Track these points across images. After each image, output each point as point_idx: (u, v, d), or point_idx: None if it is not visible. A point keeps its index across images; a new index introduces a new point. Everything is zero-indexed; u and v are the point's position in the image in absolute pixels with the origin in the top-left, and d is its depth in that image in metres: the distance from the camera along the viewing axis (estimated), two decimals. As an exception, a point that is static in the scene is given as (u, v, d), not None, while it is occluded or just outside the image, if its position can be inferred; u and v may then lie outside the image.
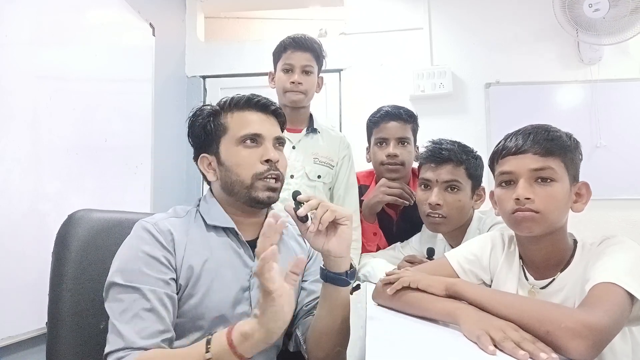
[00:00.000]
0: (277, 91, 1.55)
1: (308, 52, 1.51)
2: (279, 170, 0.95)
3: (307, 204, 0.85)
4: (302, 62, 1.50)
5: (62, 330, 0.96)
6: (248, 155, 0.94)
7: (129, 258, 0.87)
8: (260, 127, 0.95)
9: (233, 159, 0.94)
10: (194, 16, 2.89)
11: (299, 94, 1.49)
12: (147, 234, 0.88)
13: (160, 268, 0.86)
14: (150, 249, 0.87)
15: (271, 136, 0.96)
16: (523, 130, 0.90)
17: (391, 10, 2.75)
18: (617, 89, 2.53)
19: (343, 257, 0.88)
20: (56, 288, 0.99)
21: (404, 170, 1.52)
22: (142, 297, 0.82)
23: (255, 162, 0.93)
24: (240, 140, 0.94)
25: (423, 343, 0.74)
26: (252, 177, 0.93)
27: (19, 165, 1.37)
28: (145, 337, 0.79)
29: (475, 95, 2.66)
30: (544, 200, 0.84)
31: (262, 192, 0.93)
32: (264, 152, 0.94)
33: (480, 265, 0.99)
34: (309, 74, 1.52)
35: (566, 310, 0.70)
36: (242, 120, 0.96)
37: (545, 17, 2.59)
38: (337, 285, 0.89)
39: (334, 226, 0.86)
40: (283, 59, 1.51)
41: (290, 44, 1.51)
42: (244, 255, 0.95)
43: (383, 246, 1.55)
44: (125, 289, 0.83)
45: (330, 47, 2.83)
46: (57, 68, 1.57)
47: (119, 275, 0.85)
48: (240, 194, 0.94)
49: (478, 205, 1.30)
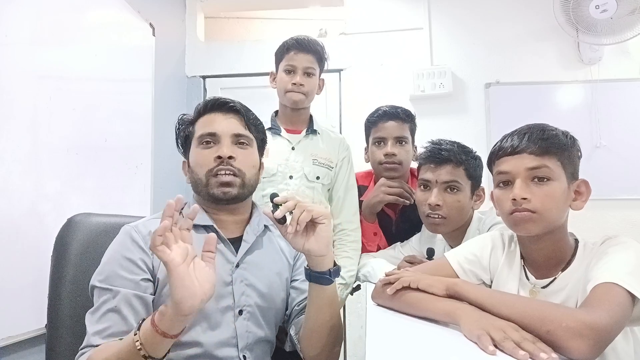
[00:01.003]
0: (278, 92, 1.55)
1: (311, 54, 1.51)
2: (232, 166, 0.96)
3: (283, 206, 0.86)
4: (304, 64, 1.50)
5: (61, 333, 0.96)
6: (204, 154, 0.97)
7: (107, 261, 0.91)
8: (216, 126, 0.98)
9: (193, 159, 1.00)
10: (194, 16, 2.89)
11: (300, 95, 1.49)
12: (126, 236, 0.93)
13: (133, 269, 0.89)
14: (127, 251, 0.91)
15: (228, 134, 0.98)
16: (519, 131, 0.90)
17: (391, 10, 2.75)
18: (617, 89, 2.53)
19: (324, 255, 0.90)
20: (55, 291, 0.99)
21: (402, 170, 1.52)
22: (111, 298, 0.86)
23: (209, 160, 0.96)
24: (199, 141, 0.99)
25: (423, 343, 0.74)
26: (205, 174, 0.96)
27: (19, 166, 1.37)
28: (105, 337, 0.84)
29: (475, 95, 2.66)
30: (541, 200, 0.84)
31: (216, 189, 0.96)
32: (217, 150, 0.96)
33: (480, 265, 0.99)
34: (311, 75, 1.52)
35: (567, 310, 0.70)
36: (204, 122, 1.00)
37: (545, 17, 2.59)
38: (321, 284, 0.92)
39: (313, 226, 0.88)
40: (285, 60, 1.51)
41: (294, 45, 1.50)
42: (225, 252, 0.97)
43: (383, 246, 1.55)
44: (99, 291, 0.88)
45: (330, 47, 2.83)
46: (57, 68, 1.57)
47: (96, 277, 0.90)
48: (202, 192, 0.98)
49: (478, 205, 1.29)
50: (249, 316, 0.96)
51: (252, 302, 0.97)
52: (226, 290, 0.94)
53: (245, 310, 0.96)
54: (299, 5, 3.07)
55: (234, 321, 0.94)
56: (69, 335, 0.97)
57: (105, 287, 0.87)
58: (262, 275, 1.00)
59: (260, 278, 0.99)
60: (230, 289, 0.95)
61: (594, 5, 2.10)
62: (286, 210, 0.86)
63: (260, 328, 0.98)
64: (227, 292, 0.95)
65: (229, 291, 0.95)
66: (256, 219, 1.05)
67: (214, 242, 0.83)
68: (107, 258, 0.92)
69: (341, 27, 2.81)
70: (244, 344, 0.94)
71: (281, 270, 1.05)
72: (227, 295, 0.94)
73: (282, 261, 1.06)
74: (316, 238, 0.88)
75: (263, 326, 0.99)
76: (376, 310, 0.94)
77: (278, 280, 1.03)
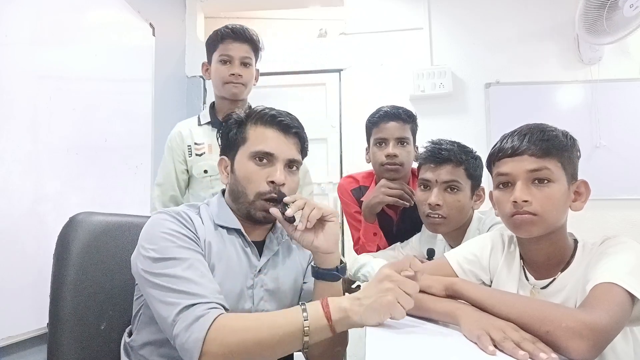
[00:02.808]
0: (214, 82, 1.52)
1: (247, 43, 1.48)
2: (282, 192, 0.95)
3: (293, 205, 0.88)
4: (241, 54, 1.47)
5: (63, 332, 0.96)
6: (256, 171, 0.95)
7: (159, 238, 0.85)
8: (274, 147, 0.96)
9: (242, 171, 0.96)
10: (194, 16, 2.89)
11: (240, 86, 1.47)
12: (172, 218, 0.90)
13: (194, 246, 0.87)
14: (180, 227, 0.88)
15: (284, 158, 0.96)
16: (519, 131, 0.90)
17: (391, 10, 2.75)
18: (617, 89, 2.53)
19: (332, 252, 0.91)
20: (57, 290, 0.99)
21: (403, 171, 1.51)
22: (191, 265, 0.82)
23: (262, 180, 0.94)
24: (253, 155, 0.95)
25: (423, 343, 0.74)
26: (255, 194, 0.94)
27: (19, 166, 1.37)
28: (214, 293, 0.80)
29: (475, 95, 2.66)
30: (541, 202, 0.84)
31: (259, 212, 0.94)
32: (271, 172, 0.94)
33: (480, 266, 0.99)
34: (248, 65, 1.49)
35: (567, 310, 0.70)
36: (261, 135, 0.97)
37: (545, 17, 2.59)
38: (328, 280, 0.92)
39: (321, 223, 0.89)
40: (220, 50, 1.48)
41: (229, 34, 1.47)
42: (250, 255, 0.98)
43: (383, 246, 1.55)
44: (165, 262, 0.82)
45: (330, 47, 2.85)
46: (57, 68, 1.57)
47: (152, 249, 0.84)
48: (242, 205, 0.96)
49: (478, 205, 1.30)
50: None
51: (269, 308, 0.97)
52: (247, 293, 0.95)
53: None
54: (299, 5, 3.07)
55: None
56: (71, 333, 0.97)
57: (177, 256, 0.83)
58: (280, 283, 1.00)
59: (278, 285, 1.00)
60: (251, 293, 0.95)
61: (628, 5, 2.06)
62: (296, 209, 0.87)
63: None
64: (248, 295, 0.95)
65: (250, 294, 0.95)
66: (280, 227, 1.04)
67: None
68: (156, 236, 0.86)
69: (341, 27, 2.81)
70: None
71: (297, 277, 1.05)
72: (248, 298, 0.95)
73: (297, 268, 1.07)
74: (325, 235, 0.89)
75: None
76: (376, 310, 0.94)
77: (294, 286, 1.04)
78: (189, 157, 1.54)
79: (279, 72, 2.77)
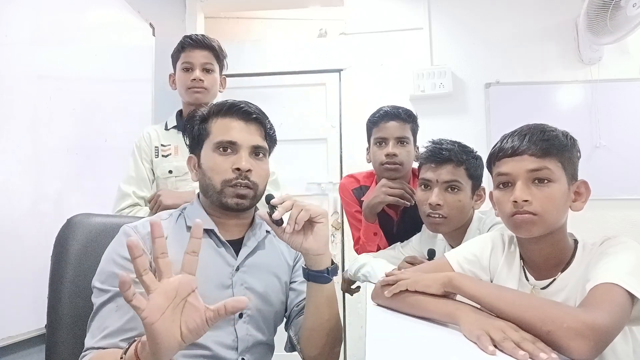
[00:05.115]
0: (179, 91, 1.55)
1: (207, 50, 1.51)
2: (248, 179, 0.95)
3: (281, 207, 0.86)
4: (201, 60, 1.50)
5: (61, 333, 0.96)
6: (221, 161, 0.96)
7: (106, 261, 0.91)
8: (236, 135, 0.96)
9: (208, 164, 0.97)
10: (194, 16, 2.89)
11: (202, 90, 1.49)
12: (124, 237, 0.92)
13: (131, 268, 0.85)
14: (125, 251, 0.88)
15: (248, 145, 0.97)
16: (519, 131, 0.90)
17: (391, 10, 2.75)
18: (617, 89, 2.53)
19: (322, 254, 0.91)
20: (55, 291, 0.99)
21: (404, 170, 1.51)
22: (110, 299, 0.86)
23: (227, 169, 0.95)
24: (216, 146, 0.96)
25: (423, 343, 0.74)
26: (221, 183, 0.95)
27: (19, 166, 1.37)
28: (104, 338, 0.83)
29: (475, 95, 2.66)
30: (541, 202, 0.84)
31: (230, 199, 0.94)
32: (236, 160, 0.95)
33: (480, 266, 0.99)
34: (210, 72, 1.52)
35: (568, 310, 0.70)
36: (222, 126, 0.98)
37: (545, 17, 2.59)
38: (319, 282, 0.92)
39: (310, 224, 0.88)
40: (182, 59, 1.52)
41: (188, 43, 1.51)
42: (225, 254, 0.97)
43: (383, 246, 1.55)
44: (97, 292, 0.88)
45: (330, 47, 2.85)
46: (57, 68, 1.57)
47: (95, 278, 0.90)
48: (213, 197, 0.96)
49: (478, 205, 1.29)
50: (249, 319, 0.96)
51: (252, 306, 0.96)
52: (226, 294, 0.94)
53: (245, 314, 0.95)
54: (299, 5, 3.07)
55: (234, 324, 0.94)
56: (69, 335, 0.97)
57: (104, 288, 0.87)
58: (262, 279, 0.99)
59: (260, 281, 0.99)
60: (230, 292, 0.94)
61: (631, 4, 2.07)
62: (284, 211, 0.86)
63: (260, 331, 0.98)
64: (227, 295, 0.94)
65: (229, 294, 0.94)
66: (259, 224, 1.05)
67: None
68: (105, 258, 0.91)
69: (341, 27, 2.81)
70: (243, 347, 0.94)
71: (281, 273, 1.04)
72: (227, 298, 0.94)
73: (282, 264, 1.06)
74: (314, 237, 0.88)
75: (263, 329, 0.99)
76: (376, 310, 0.94)
77: (278, 283, 1.03)
78: (155, 157, 1.55)
79: (279, 72, 2.77)
